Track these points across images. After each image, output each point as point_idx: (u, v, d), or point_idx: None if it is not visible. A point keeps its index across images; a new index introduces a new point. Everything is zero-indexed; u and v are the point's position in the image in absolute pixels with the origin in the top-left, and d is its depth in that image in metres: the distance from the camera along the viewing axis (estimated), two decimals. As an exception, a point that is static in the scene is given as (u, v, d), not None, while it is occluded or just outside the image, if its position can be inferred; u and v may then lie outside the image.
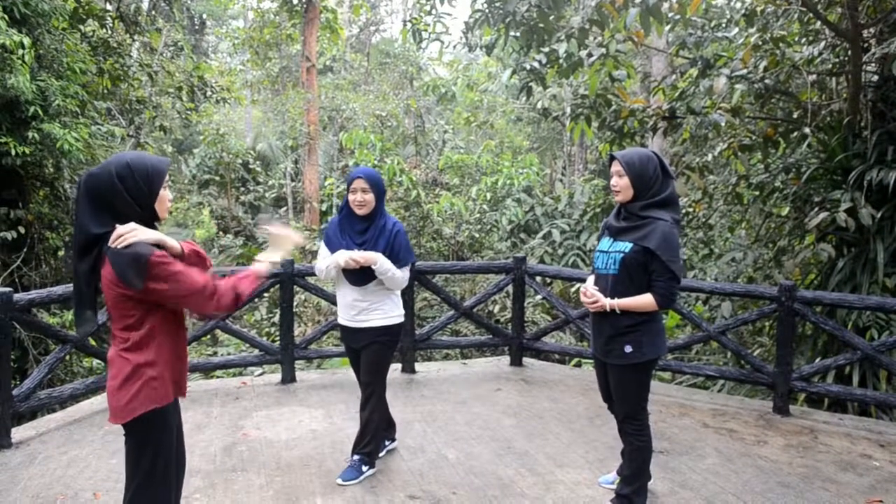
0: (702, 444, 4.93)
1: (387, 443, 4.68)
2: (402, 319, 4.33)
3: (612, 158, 3.64)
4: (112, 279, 2.61)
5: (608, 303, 3.56)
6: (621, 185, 3.56)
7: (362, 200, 4.09)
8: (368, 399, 4.27)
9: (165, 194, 2.74)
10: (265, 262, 2.95)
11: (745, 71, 6.59)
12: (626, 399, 3.72)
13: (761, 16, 7.05)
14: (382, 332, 4.22)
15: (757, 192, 7.70)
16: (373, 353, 4.23)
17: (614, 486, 3.97)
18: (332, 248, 4.21)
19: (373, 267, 4.06)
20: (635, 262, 3.50)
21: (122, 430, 2.74)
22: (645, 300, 3.51)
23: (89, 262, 2.65)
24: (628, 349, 3.57)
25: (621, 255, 3.54)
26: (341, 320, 4.31)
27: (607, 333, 3.66)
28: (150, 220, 2.73)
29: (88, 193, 2.61)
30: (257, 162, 25.24)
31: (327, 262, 4.19)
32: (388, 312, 4.23)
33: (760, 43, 6.65)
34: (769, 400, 5.82)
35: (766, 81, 6.62)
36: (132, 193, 2.63)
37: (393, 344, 4.33)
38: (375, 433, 4.31)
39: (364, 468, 4.29)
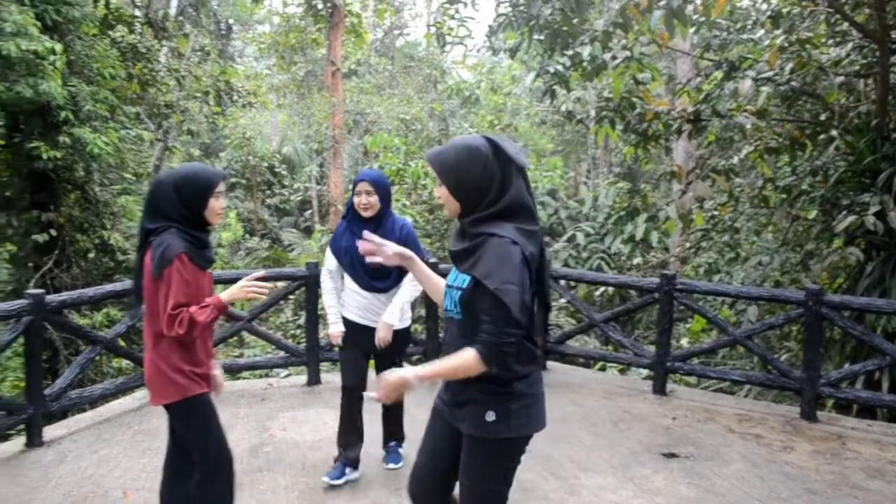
0: (728, 449, 4.89)
1: (392, 443, 4.60)
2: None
3: (430, 162, 2.48)
4: (148, 268, 2.91)
5: (411, 375, 2.37)
6: (441, 195, 2.46)
7: (367, 203, 4.10)
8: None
9: (216, 204, 3.01)
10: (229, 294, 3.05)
11: (770, 73, 6.54)
12: (471, 491, 2.54)
13: (787, 17, 7.00)
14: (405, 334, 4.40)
15: (784, 195, 7.62)
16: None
17: None
18: (340, 255, 4.22)
19: (392, 327, 4.18)
20: (474, 301, 2.37)
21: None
22: (459, 361, 2.33)
23: (142, 254, 2.97)
24: (490, 417, 2.44)
25: (459, 292, 2.42)
26: (359, 319, 4.26)
27: (459, 389, 2.48)
28: (200, 225, 3.01)
29: (150, 195, 2.99)
30: (283, 165, 25.42)
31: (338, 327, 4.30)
32: (406, 313, 4.34)
33: (786, 45, 6.59)
34: (796, 405, 5.74)
35: (793, 83, 6.57)
36: (184, 202, 2.94)
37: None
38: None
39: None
